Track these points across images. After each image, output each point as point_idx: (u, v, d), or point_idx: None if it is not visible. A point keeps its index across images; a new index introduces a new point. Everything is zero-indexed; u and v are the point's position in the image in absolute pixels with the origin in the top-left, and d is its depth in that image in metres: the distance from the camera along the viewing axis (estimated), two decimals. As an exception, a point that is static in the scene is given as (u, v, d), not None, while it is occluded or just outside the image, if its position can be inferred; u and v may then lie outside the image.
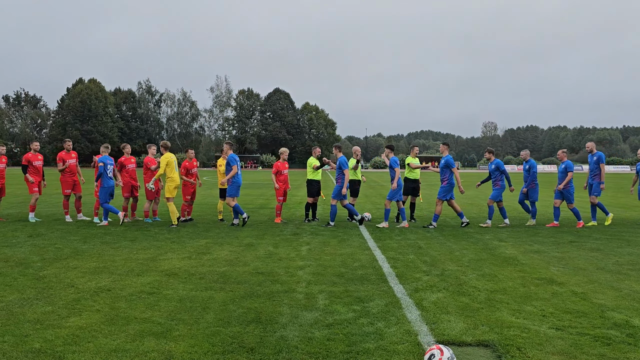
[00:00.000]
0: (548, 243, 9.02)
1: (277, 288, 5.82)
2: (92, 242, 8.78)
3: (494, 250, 8.23)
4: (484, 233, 10.21)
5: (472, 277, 6.36)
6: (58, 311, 4.90)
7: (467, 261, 7.38)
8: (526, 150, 12.28)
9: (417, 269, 6.83)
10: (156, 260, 7.34)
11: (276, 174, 11.80)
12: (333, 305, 5.15)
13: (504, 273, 6.61)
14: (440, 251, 8.17)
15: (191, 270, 6.70)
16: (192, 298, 5.38)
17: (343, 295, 5.54)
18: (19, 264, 7.01)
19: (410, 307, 5.11)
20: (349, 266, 6.99)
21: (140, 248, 8.29)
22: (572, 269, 6.89)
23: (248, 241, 9.06)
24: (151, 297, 5.40)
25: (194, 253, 7.89)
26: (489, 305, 5.14)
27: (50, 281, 6.04)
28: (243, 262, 7.21)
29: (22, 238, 9.21)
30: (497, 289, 5.78)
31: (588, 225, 11.45)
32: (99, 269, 6.74)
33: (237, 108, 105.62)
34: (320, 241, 9.10)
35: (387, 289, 5.81)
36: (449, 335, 4.29)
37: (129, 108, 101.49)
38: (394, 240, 9.27)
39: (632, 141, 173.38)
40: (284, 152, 12.07)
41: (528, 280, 6.19)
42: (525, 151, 12.13)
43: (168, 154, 10.98)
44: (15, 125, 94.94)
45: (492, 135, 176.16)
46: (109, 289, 5.73)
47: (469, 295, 5.51)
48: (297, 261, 7.31)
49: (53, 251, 7.95)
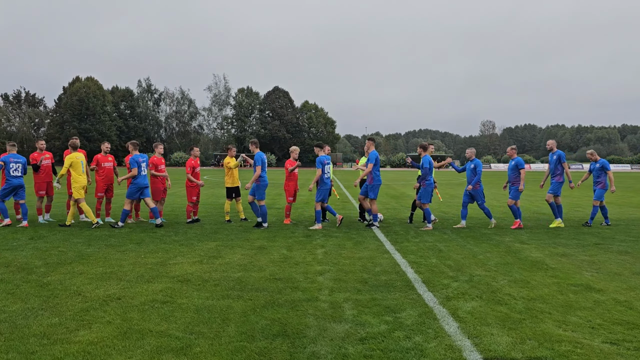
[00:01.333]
0: (572, 245, 8.66)
1: (298, 296, 5.44)
2: (96, 245, 8.39)
3: (519, 254, 7.87)
4: (503, 235, 9.84)
5: (504, 284, 5.99)
6: (66, 323, 4.52)
7: (493, 265, 7.01)
8: (472, 148, 11.65)
9: (443, 274, 6.45)
10: (166, 264, 6.96)
11: (290, 173, 11.41)
12: (362, 316, 4.77)
13: (536, 278, 6.24)
14: (462, 254, 7.80)
15: (204, 276, 6.32)
16: (210, 308, 5.00)
17: (370, 304, 5.16)
18: (21, 269, 6.61)
19: (445, 317, 4.74)
20: (371, 271, 6.61)
21: (148, 251, 7.90)
22: (606, 274, 6.53)
23: (259, 244, 8.68)
24: (165, 307, 5.02)
25: (205, 257, 7.50)
26: (530, 316, 4.78)
27: (55, 288, 5.65)
28: (258, 267, 6.82)
29: (23, 240, 8.81)
30: (534, 297, 5.41)
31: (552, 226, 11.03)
32: (107, 274, 6.35)
33: (236, 106, 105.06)
34: (335, 244, 8.73)
35: (417, 297, 5.44)
36: (496, 352, 3.93)
37: (127, 106, 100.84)
38: (412, 242, 8.90)
39: (630, 140, 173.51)
40: (295, 150, 11.63)
41: (564, 287, 5.83)
42: (471, 149, 11.51)
43: (74, 153, 10.58)
44: (13, 123, 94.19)
45: (491, 134, 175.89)
46: (119, 297, 5.34)
47: (506, 304, 5.14)
48: (314, 266, 6.94)
49: (56, 255, 7.55)
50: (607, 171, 11.46)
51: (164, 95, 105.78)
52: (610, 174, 11.42)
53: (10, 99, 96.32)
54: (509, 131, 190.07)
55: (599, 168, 11.53)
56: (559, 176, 11.18)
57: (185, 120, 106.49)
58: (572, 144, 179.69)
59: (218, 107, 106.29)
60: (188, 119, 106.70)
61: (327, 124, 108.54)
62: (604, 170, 11.48)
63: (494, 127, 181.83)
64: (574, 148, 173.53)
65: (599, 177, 11.52)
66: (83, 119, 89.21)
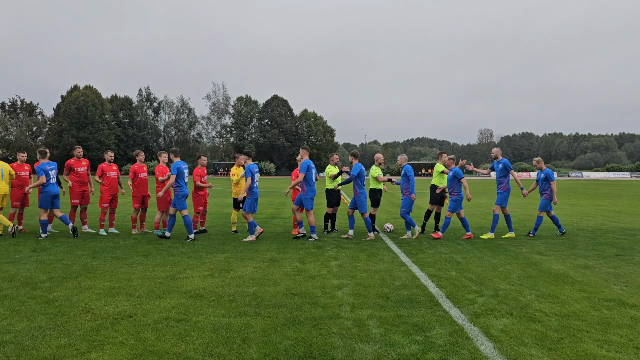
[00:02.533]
0: (592, 257, 8.40)
1: (319, 313, 5.17)
2: (102, 258, 8.09)
3: (540, 266, 7.61)
4: (519, 246, 9.58)
5: (532, 298, 5.73)
6: (76, 344, 4.24)
7: (517, 278, 6.75)
8: (403, 155, 11.16)
9: (466, 289, 6.19)
10: (176, 278, 6.67)
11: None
12: (390, 335, 4.50)
13: (565, 293, 5.98)
14: (482, 267, 7.54)
15: (217, 291, 6.04)
16: (227, 326, 4.72)
17: (396, 321, 4.89)
18: (25, 284, 6.32)
19: (478, 337, 4.47)
20: (391, 285, 6.34)
21: (156, 264, 7.61)
22: (636, 287, 6.27)
23: (270, 255, 8.41)
24: (180, 326, 4.74)
25: (216, 270, 7.22)
26: (568, 335, 4.51)
27: (62, 305, 5.37)
28: (272, 281, 6.55)
29: (25, 253, 8.51)
30: (568, 314, 5.15)
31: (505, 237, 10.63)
32: (115, 289, 6.06)
33: (235, 115, 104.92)
34: (348, 255, 8.46)
35: (443, 313, 5.17)
36: (541, 375, 3.66)
37: (126, 115, 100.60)
38: (427, 254, 8.63)
39: (627, 147, 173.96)
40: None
41: (596, 302, 5.57)
42: (402, 156, 10.94)
43: None
44: (11, 132, 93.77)
45: (488, 142, 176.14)
46: (130, 314, 5.06)
47: (540, 322, 4.88)
48: (330, 279, 6.66)
49: (61, 268, 7.26)
50: (550, 182, 10.92)
51: (164, 104, 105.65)
52: (554, 185, 10.85)
53: (7, 107, 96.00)
54: (506, 139, 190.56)
55: (542, 178, 11.03)
56: (504, 185, 10.65)
57: (185, 129, 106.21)
58: (569, 152, 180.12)
59: (217, 115, 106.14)
60: (187, 127, 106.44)
61: (326, 132, 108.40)
62: (547, 180, 10.97)
63: (492, 135, 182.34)
64: (571, 156, 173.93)
65: (544, 187, 11.00)
66: (81, 127, 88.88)
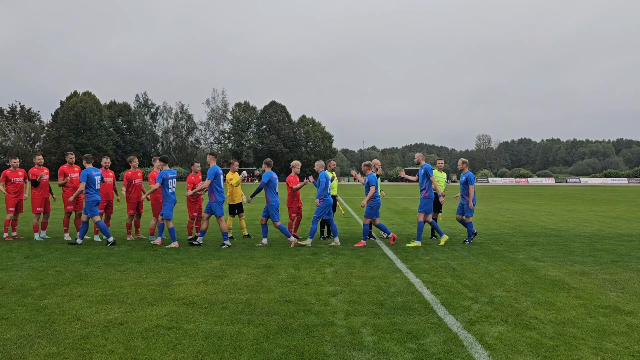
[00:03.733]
0: (589, 263, 8.36)
1: (312, 320, 5.11)
2: (95, 264, 8.03)
3: (536, 272, 7.57)
4: (515, 252, 9.54)
5: (528, 305, 5.68)
6: (65, 353, 4.17)
7: (512, 285, 6.70)
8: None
9: (461, 295, 6.14)
10: (169, 285, 6.61)
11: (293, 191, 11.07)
12: (384, 343, 4.45)
13: (561, 300, 5.93)
14: (478, 273, 7.49)
15: (210, 298, 5.98)
16: (219, 334, 4.66)
17: (390, 329, 4.84)
18: (16, 291, 6.25)
19: (473, 344, 4.42)
20: (386, 292, 6.29)
21: (149, 271, 7.55)
22: (632, 294, 6.23)
23: (265, 262, 8.35)
24: (171, 334, 4.68)
25: (210, 277, 7.16)
26: (564, 342, 4.47)
27: (52, 313, 5.30)
28: (266, 288, 6.49)
29: (18, 259, 8.44)
30: (563, 321, 5.10)
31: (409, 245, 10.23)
32: (107, 297, 6.00)
33: (234, 121, 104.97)
34: (344, 262, 8.40)
35: (438, 320, 5.12)
36: (535, 384, 3.61)
37: (124, 121, 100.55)
38: (423, 260, 8.58)
39: (624, 153, 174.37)
40: (296, 165, 11.32)
41: (592, 309, 5.52)
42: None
43: None
44: (8, 138, 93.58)
45: (486, 148, 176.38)
46: (121, 322, 5.00)
47: (535, 329, 4.83)
48: (325, 286, 6.61)
49: (53, 275, 7.19)
50: (469, 185, 10.70)
51: (161, 110, 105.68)
52: (472, 189, 10.65)
53: (5, 113, 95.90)
54: (504, 145, 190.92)
55: (463, 182, 10.83)
56: (426, 191, 10.46)
57: (183, 135, 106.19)
58: (567, 157, 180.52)
59: (215, 121, 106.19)
60: (185, 133, 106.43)
61: (325, 138, 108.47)
62: (467, 184, 10.74)
63: (490, 141, 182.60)
64: (569, 162, 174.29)
65: (465, 191, 10.81)
66: (79, 133, 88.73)
